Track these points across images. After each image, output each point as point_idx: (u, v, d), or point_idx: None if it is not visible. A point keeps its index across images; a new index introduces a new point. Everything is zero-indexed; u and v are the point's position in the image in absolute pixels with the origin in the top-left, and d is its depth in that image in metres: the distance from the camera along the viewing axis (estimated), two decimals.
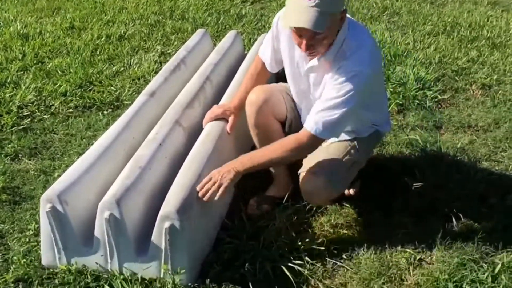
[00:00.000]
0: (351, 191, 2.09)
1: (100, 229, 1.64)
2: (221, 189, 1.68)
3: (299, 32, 1.56)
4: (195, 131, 2.09)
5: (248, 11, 4.43)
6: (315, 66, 1.71)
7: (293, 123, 1.99)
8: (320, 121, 1.65)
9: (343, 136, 1.88)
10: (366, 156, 1.97)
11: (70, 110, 2.79)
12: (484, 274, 1.68)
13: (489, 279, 1.67)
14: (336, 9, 1.56)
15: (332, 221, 1.98)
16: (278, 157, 1.75)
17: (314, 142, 1.72)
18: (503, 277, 1.68)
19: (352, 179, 1.94)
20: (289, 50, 1.82)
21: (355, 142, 1.88)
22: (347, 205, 2.05)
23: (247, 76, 2.09)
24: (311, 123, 1.67)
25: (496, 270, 1.71)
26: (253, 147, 2.06)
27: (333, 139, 1.87)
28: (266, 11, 4.50)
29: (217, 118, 2.04)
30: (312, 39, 1.57)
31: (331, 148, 1.86)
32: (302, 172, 1.85)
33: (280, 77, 2.18)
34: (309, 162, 1.84)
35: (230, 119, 2.03)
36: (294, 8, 1.54)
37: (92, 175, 1.78)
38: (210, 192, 1.68)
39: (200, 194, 1.68)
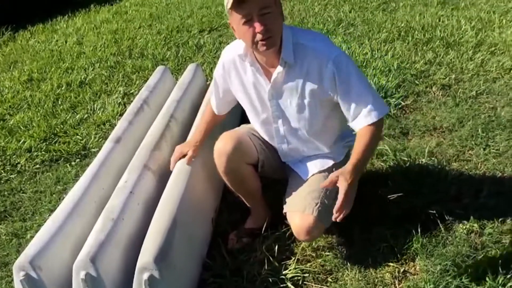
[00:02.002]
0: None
1: None
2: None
3: (248, 10, 1.53)
4: (165, 173, 2.07)
5: (207, 41, 4.46)
6: (281, 71, 1.69)
7: (265, 163, 1.96)
8: (367, 111, 1.65)
9: (322, 165, 1.88)
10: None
11: (37, 166, 2.75)
12: (468, 278, 1.69)
13: (474, 283, 1.68)
14: None
15: (314, 244, 1.97)
16: (372, 151, 1.79)
17: (382, 122, 1.74)
18: (487, 278, 1.69)
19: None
20: (241, 83, 1.82)
21: (334, 169, 1.85)
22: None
23: (202, 116, 2.12)
24: (366, 119, 1.66)
25: (480, 271, 1.72)
26: (225, 185, 2.03)
27: (313, 171, 1.88)
28: (224, 38, 4.54)
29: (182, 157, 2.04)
30: (263, 13, 1.54)
31: (313, 182, 1.84)
32: (289, 211, 1.81)
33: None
34: (294, 200, 1.82)
35: (190, 151, 2.01)
36: None
37: (65, 234, 1.75)
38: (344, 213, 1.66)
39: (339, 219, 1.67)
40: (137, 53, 4.28)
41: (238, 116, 2.61)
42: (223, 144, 1.85)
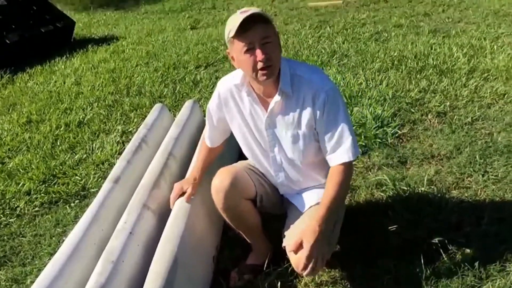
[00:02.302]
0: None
1: None
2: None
3: (251, 38, 1.58)
4: (165, 211, 2.06)
5: (203, 76, 4.52)
6: (278, 101, 1.72)
7: (264, 198, 1.96)
8: (347, 148, 1.70)
9: (319, 197, 1.86)
10: (342, 212, 1.97)
11: (36, 208, 2.74)
12: None
13: None
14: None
15: (317, 279, 1.95)
16: (341, 196, 1.78)
17: (352, 165, 1.78)
18: None
19: (337, 239, 1.90)
20: (239, 112, 1.84)
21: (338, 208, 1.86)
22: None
23: (198, 152, 2.14)
24: (343, 155, 1.70)
25: None
26: (226, 221, 2.02)
27: (310, 203, 1.87)
28: (220, 73, 4.60)
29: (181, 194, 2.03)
30: (265, 42, 1.59)
31: (311, 215, 1.81)
32: (288, 245, 1.77)
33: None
34: (293, 233, 1.79)
35: (188, 189, 2.02)
36: (238, 17, 1.57)
37: (65, 278, 1.72)
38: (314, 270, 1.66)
39: (305, 274, 1.66)
40: (134, 91, 4.32)
41: (236, 152, 2.62)
42: (220, 180, 1.85)
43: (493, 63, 3.77)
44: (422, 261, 1.92)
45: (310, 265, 1.61)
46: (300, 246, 1.64)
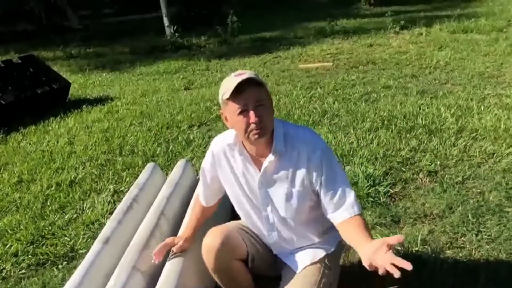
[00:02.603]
0: None
1: None
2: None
3: (245, 101, 1.62)
4: (155, 272, 2.02)
5: (196, 135, 4.55)
6: (272, 160, 1.73)
7: (255, 258, 1.94)
8: (351, 203, 1.69)
9: (314, 257, 1.86)
10: (337, 272, 1.94)
11: (23, 271, 2.66)
12: None
13: None
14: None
15: None
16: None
17: None
18: None
19: None
20: (232, 172, 1.85)
21: (326, 260, 1.86)
22: None
23: (192, 210, 2.13)
24: (349, 210, 1.69)
25: None
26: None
27: (305, 263, 1.85)
28: (213, 132, 4.64)
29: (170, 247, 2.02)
30: (258, 105, 1.63)
31: (306, 275, 1.81)
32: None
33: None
34: None
35: (180, 242, 2.01)
36: (233, 80, 1.62)
37: None
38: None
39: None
40: (127, 150, 4.33)
41: (229, 211, 2.60)
42: (211, 240, 1.84)
43: (480, 123, 3.85)
44: None
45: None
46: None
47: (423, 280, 2.11)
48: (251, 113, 1.63)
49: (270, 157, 1.74)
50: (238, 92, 1.61)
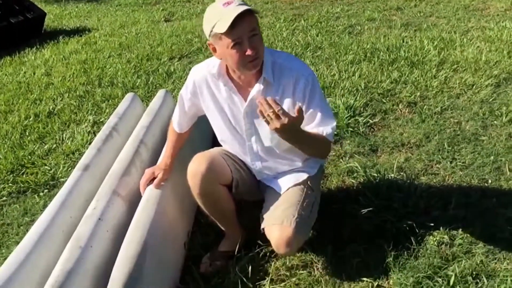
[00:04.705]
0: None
1: None
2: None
3: (240, 33, 1.56)
4: (135, 198, 2.04)
5: (177, 67, 4.48)
6: (259, 90, 1.70)
7: (240, 183, 1.95)
8: (329, 129, 1.72)
9: (297, 179, 1.89)
10: (319, 193, 1.99)
11: (4, 198, 2.67)
12: None
13: None
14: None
15: (288, 263, 1.96)
16: (316, 154, 1.87)
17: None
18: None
19: (315, 219, 1.89)
20: (215, 101, 1.83)
21: (308, 182, 1.89)
22: None
23: (168, 139, 2.11)
24: (328, 129, 1.72)
25: (451, 282, 1.74)
26: (199, 207, 2.01)
27: (288, 184, 1.88)
28: (194, 64, 4.53)
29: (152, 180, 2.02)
30: (252, 35, 1.58)
31: (290, 196, 1.84)
32: (267, 226, 1.79)
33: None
34: (271, 214, 1.81)
35: (159, 174, 2.00)
36: (222, 12, 1.55)
37: (31, 265, 1.69)
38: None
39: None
40: (106, 82, 4.25)
41: (209, 139, 2.61)
42: (197, 165, 1.83)
43: (462, 55, 3.85)
44: (392, 244, 1.95)
45: None
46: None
47: (397, 204, 2.17)
48: (246, 46, 1.57)
49: (258, 87, 1.71)
50: (232, 26, 1.53)
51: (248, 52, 1.58)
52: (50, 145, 3.20)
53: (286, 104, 1.73)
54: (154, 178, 2.01)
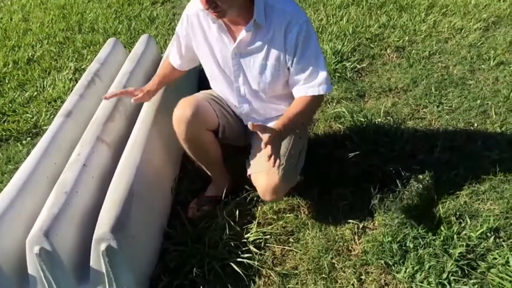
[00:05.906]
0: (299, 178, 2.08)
1: (33, 266, 1.55)
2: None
3: None
4: (120, 144, 2.01)
5: (160, 13, 4.33)
6: (249, 32, 1.64)
7: (226, 128, 1.92)
8: (319, 82, 1.67)
9: None
10: (306, 140, 1.97)
11: None
12: (424, 228, 1.74)
13: (430, 233, 1.72)
14: None
15: (275, 207, 1.98)
16: (306, 118, 1.90)
17: (322, 99, 1.79)
18: (442, 228, 1.74)
19: (302, 166, 1.89)
20: (204, 37, 1.77)
21: (296, 129, 1.86)
22: None
23: (160, 69, 2.05)
24: (314, 88, 1.68)
25: (435, 222, 1.77)
26: (185, 153, 1.99)
27: None
28: (178, 9, 4.41)
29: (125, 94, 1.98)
30: None
31: None
32: (254, 173, 1.79)
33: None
34: (258, 161, 1.79)
35: (140, 94, 1.94)
36: None
37: (15, 212, 1.67)
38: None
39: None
40: (87, 27, 4.11)
41: (196, 83, 2.57)
42: (182, 111, 1.79)
43: None
44: (378, 187, 1.97)
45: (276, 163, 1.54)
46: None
47: (384, 148, 2.18)
48: None
49: (248, 28, 1.64)
50: None
51: (202, 2, 1.51)
52: (31, 92, 3.11)
53: (276, 48, 1.67)
54: (130, 95, 1.96)
